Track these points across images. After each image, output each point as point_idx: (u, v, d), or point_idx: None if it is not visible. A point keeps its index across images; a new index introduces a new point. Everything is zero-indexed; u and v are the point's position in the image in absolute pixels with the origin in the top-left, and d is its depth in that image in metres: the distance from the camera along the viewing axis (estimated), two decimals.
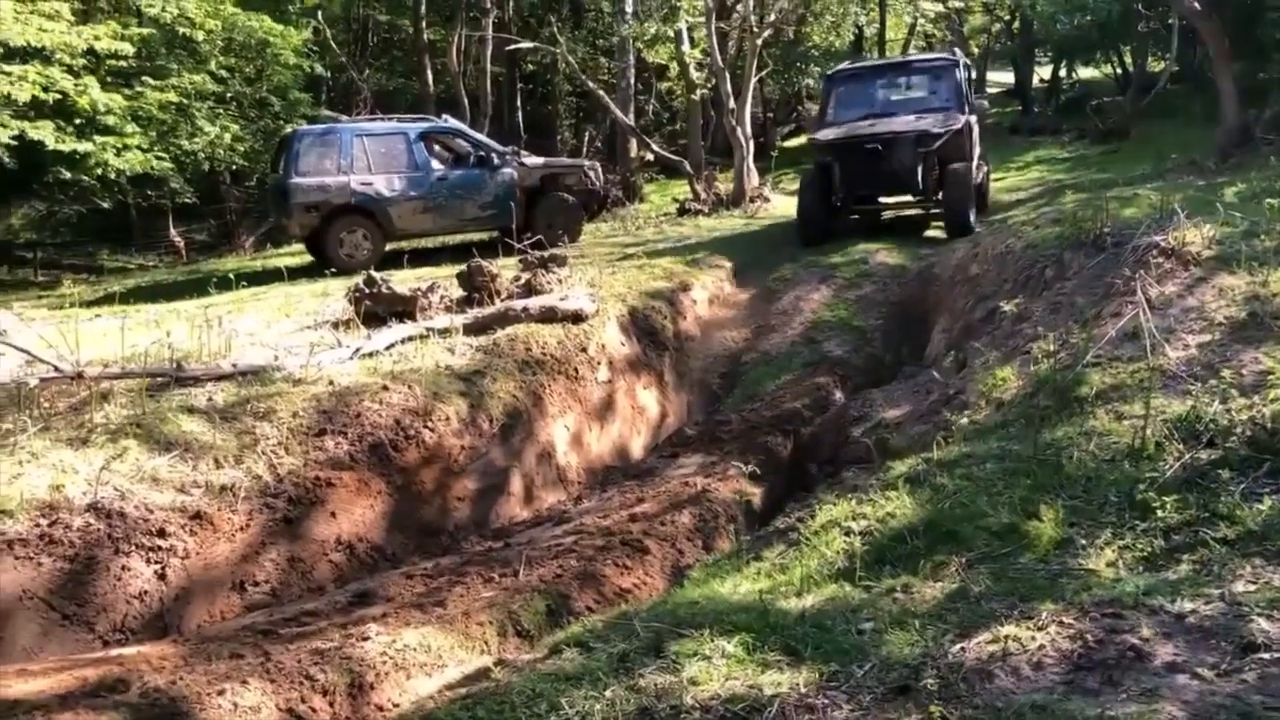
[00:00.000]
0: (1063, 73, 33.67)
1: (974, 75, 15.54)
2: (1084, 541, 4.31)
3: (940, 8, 23.78)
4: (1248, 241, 6.81)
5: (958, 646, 3.51)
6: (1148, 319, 5.89)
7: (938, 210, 13.33)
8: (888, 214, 14.51)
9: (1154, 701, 3.04)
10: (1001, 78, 38.16)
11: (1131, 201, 8.88)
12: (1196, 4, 15.98)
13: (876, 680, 3.35)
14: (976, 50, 38.97)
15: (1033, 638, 3.51)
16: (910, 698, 3.20)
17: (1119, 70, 30.52)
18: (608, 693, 3.33)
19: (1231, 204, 8.11)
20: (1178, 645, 3.38)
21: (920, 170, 12.55)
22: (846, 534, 4.81)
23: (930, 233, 13.48)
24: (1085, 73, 34.59)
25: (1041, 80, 34.08)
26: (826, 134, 13.53)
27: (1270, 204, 6.75)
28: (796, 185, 15.22)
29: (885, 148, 12.58)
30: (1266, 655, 3.24)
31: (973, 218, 12.57)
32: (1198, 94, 23.89)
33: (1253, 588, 3.74)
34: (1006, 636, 3.52)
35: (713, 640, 3.64)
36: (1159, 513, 4.32)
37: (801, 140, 25.19)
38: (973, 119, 13.56)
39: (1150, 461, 4.78)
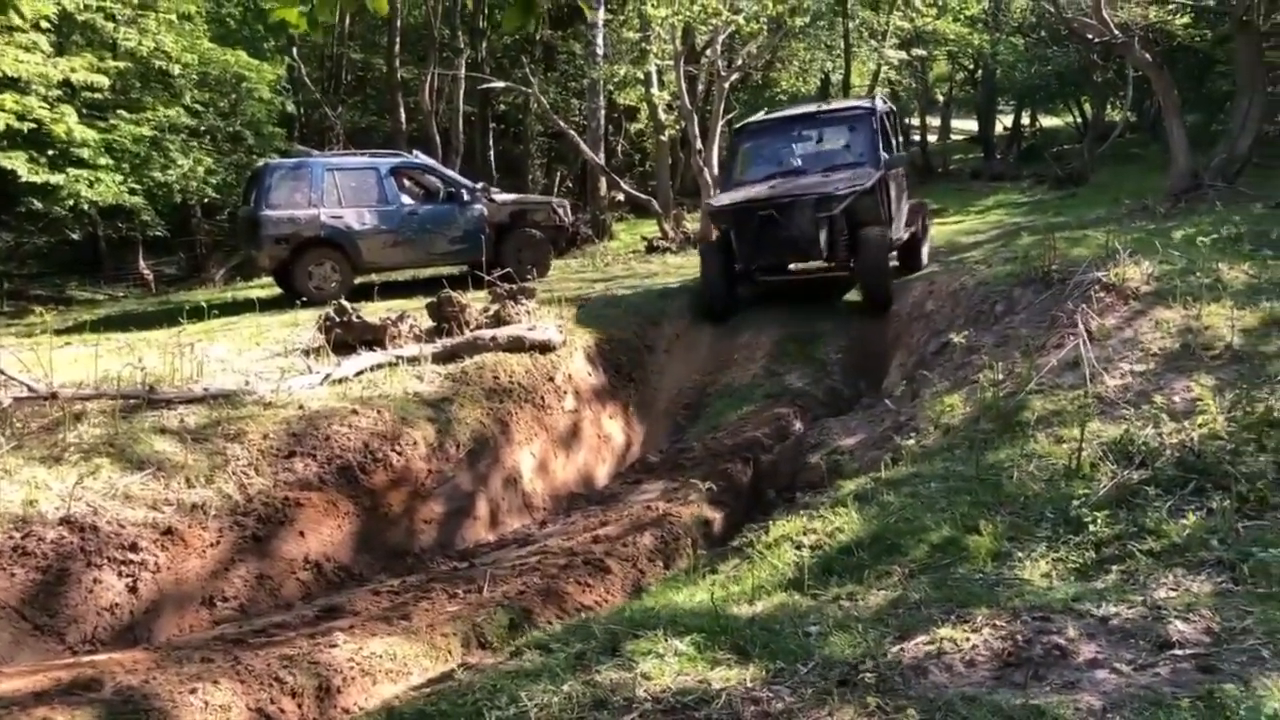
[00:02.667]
0: (1025, 120, 34.59)
1: (896, 122, 13.81)
2: (1020, 554, 4.55)
3: (904, 55, 24.33)
4: (1184, 278, 7.15)
5: (896, 647, 3.72)
6: (1087, 349, 6.20)
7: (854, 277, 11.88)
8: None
9: (1074, 693, 3.27)
10: (967, 125, 39.13)
11: (1080, 242, 9.22)
12: (1149, 56, 16.57)
13: (819, 676, 3.55)
14: (940, 98, 39.97)
15: (967, 638, 3.73)
16: (849, 690, 3.40)
17: (1079, 119, 31.40)
18: (565, 687, 3.51)
19: (1177, 245, 8.46)
20: (1100, 644, 3.61)
21: (825, 236, 11.21)
22: (797, 547, 5.03)
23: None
24: (1048, 121, 35.58)
25: (1005, 128, 34.94)
26: (720, 200, 12.26)
27: (1203, 242, 7.10)
28: None
29: (781, 214, 11.22)
30: (1180, 652, 3.48)
31: (892, 287, 11.36)
32: (1153, 142, 24.69)
33: (1173, 594, 3.99)
34: (942, 638, 3.74)
35: (666, 640, 3.83)
36: (1091, 527, 4.59)
37: None
38: (892, 174, 12.13)
39: (1085, 481, 5.04)
